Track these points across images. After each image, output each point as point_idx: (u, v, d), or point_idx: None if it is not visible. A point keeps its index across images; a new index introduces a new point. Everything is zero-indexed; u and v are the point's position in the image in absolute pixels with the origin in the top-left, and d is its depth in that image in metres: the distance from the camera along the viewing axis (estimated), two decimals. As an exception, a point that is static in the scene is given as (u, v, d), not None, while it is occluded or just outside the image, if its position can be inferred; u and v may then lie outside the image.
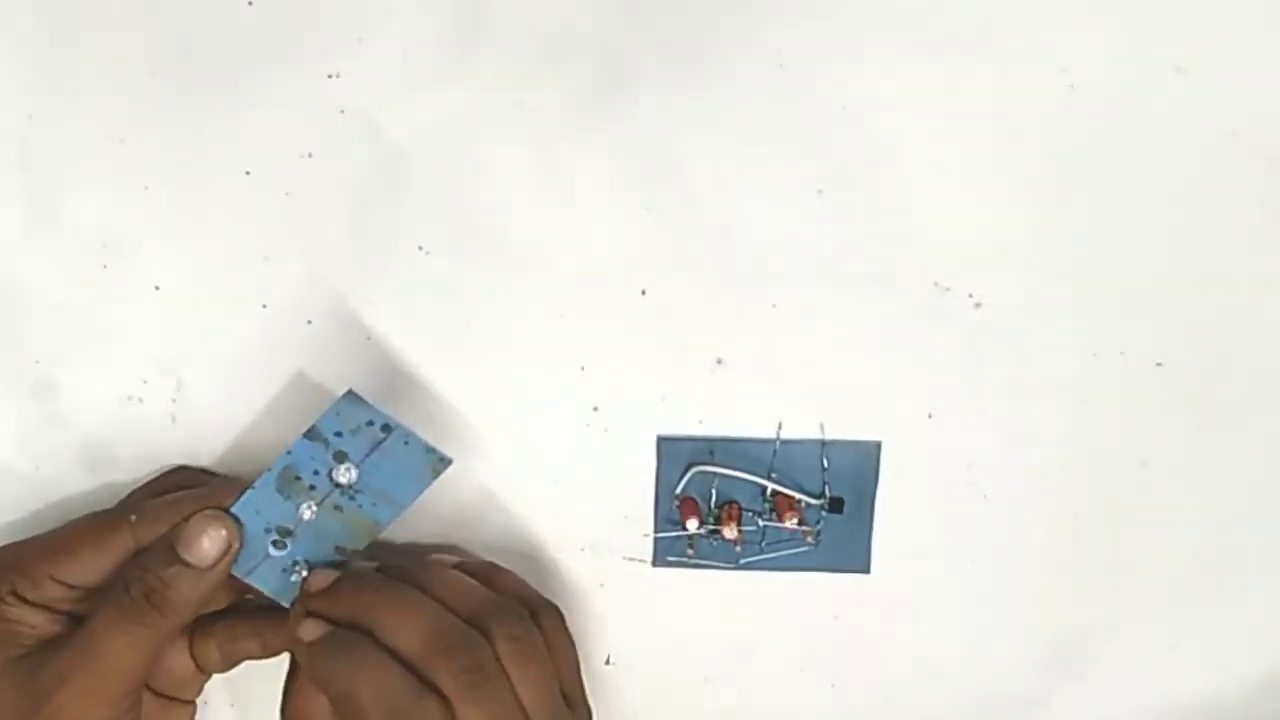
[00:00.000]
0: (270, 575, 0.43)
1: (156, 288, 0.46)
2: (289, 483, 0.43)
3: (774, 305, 0.46)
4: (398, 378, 0.46)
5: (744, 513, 0.48)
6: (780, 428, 0.47)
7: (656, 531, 0.48)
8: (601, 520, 0.48)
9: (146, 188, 0.45)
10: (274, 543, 0.43)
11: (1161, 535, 0.48)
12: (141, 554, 0.43)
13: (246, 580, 0.43)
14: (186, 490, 0.45)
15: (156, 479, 0.47)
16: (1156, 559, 0.49)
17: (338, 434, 0.43)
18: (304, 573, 0.44)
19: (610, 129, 0.44)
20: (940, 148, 0.44)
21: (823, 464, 0.48)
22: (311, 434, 0.43)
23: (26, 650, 0.43)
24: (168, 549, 0.42)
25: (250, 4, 0.43)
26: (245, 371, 0.47)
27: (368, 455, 0.43)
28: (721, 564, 0.49)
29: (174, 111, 0.44)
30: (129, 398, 0.47)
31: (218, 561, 0.42)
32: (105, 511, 0.45)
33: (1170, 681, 0.50)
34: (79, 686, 0.42)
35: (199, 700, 0.47)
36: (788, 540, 0.48)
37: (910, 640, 0.50)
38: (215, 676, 0.47)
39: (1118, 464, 0.48)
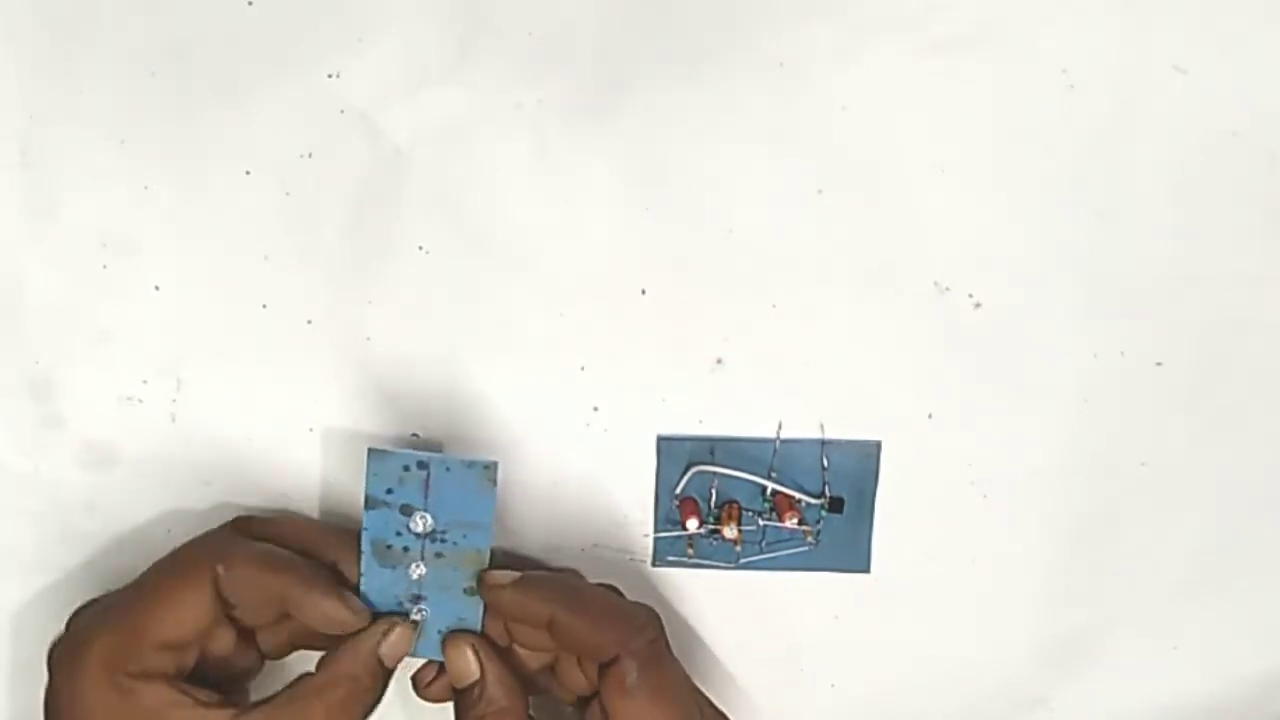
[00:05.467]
0: (426, 644, 0.44)
1: (156, 288, 0.46)
2: (384, 553, 0.43)
3: (774, 305, 0.46)
4: (397, 378, 0.47)
5: (744, 512, 0.48)
6: (780, 428, 0.47)
7: (656, 531, 0.48)
8: (601, 520, 0.48)
9: (146, 188, 0.45)
10: (415, 611, 0.44)
11: (1161, 535, 0.48)
12: (339, 659, 0.43)
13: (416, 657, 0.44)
14: (274, 548, 0.44)
15: (229, 526, 0.46)
16: (1156, 559, 0.49)
17: (389, 491, 0.43)
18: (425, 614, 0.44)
19: (609, 129, 0.44)
20: (940, 148, 0.44)
21: (823, 464, 0.47)
22: (370, 503, 0.43)
23: None
24: (375, 660, 0.43)
25: (250, 4, 0.43)
26: (245, 371, 0.47)
27: (425, 496, 0.43)
28: (721, 564, 0.49)
29: (174, 111, 0.44)
30: (129, 398, 0.47)
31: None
32: (178, 562, 0.44)
33: (1170, 681, 0.50)
34: None
35: None
36: (788, 540, 0.48)
37: (910, 640, 0.50)
38: None
39: (1118, 464, 0.48)
